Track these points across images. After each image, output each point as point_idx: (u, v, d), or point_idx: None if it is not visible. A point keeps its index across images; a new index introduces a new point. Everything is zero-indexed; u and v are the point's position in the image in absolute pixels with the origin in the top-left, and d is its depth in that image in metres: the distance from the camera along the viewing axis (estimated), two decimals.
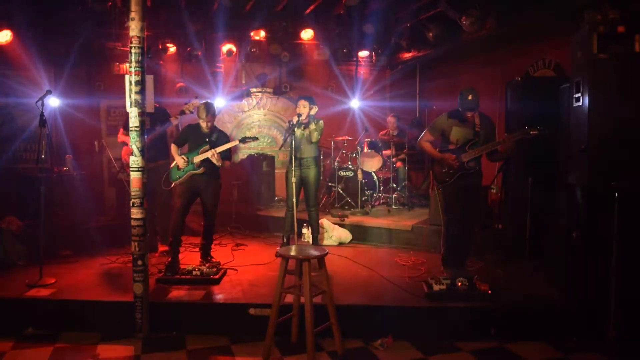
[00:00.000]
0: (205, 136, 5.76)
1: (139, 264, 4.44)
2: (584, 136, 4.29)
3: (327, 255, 4.12)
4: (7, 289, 5.01)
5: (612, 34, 4.20)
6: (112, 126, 8.93)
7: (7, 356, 4.17)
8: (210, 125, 5.74)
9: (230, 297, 4.80)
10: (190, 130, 5.88)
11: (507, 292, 4.89)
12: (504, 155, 5.14)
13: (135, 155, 4.37)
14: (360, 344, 4.38)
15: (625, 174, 4.11)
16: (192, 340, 4.45)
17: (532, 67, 7.31)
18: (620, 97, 4.19)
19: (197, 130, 5.80)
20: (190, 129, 5.90)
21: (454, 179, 5.19)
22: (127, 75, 4.39)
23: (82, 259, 6.17)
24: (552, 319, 4.51)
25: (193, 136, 5.81)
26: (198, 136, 5.78)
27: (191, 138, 5.82)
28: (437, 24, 7.55)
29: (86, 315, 4.68)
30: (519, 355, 4.18)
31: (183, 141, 5.89)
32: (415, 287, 5.01)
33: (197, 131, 5.80)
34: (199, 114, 5.72)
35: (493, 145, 5.04)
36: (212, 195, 5.84)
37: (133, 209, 4.40)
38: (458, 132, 5.22)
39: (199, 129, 5.79)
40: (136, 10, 4.25)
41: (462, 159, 5.13)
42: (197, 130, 5.80)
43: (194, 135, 5.81)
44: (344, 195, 8.32)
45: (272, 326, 4.04)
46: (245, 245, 7.09)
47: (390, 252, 6.65)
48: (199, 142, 5.75)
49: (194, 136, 5.80)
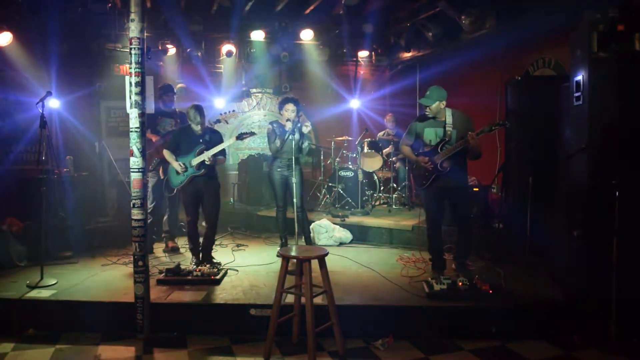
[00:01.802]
0: (199, 138, 5.78)
1: (140, 264, 4.44)
2: (584, 135, 4.29)
3: (328, 255, 4.11)
4: (8, 290, 5.01)
5: (611, 33, 4.20)
6: (112, 127, 8.93)
7: (8, 357, 4.17)
8: (202, 127, 5.78)
9: (231, 298, 4.80)
10: (182, 134, 5.90)
11: (508, 291, 4.89)
12: (477, 152, 5.11)
13: (136, 156, 4.37)
14: (361, 343, 4.38)
15: (626, 172, 4.10)
16: (193, 340, 4.45)
17: (532, 66, 7.32)
18: (620, 95, 4.19)
19: (190, 133, 5.83)
20: (181, 133, 5.93)
21: (429, 181, 5.21)
22: (127, 76, 4.39)
23: (82, 260, 6.17)
24: (554, 318, 4.51)
25: (186, 139, 5.83)
26: (191, 139, 5.80)
27: (184, 141, 5.83)
28: (436, 23, 7.55)
29: (87, 316, 4.67)
30: (521, 354, 4.18)
31: (176, 146, 5.89)
32: (416, 287, 5.01)
33: (189, 134, 5.83)
34: (190, 117, 5.77)
35: (460, 144, 5.03)
36: (212, 194, 5.87)
37: (133, 209, 4.40)
38: (430, 132, 5.25)
39: (191, 131, 5.82)
40: (136, 11, 4.25)
41: (435, 161, 5.14)
42: (190, 133, 5.83)
43: (186, 139, 5.83)
44: (344, 196, 8.32)
45: (272, 326, 4.04)
46: (246, 246, 7.10)
47: (390, 252, 6.65)
48: (193, 145, 5.77)
49: (187, 139, 5.82)
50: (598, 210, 4.23)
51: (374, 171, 8.49)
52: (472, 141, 4.93)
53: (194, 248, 5.94)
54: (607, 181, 4.09)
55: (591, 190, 4.28)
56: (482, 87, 8.03)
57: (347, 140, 8.96)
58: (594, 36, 4.18)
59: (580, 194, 4.47)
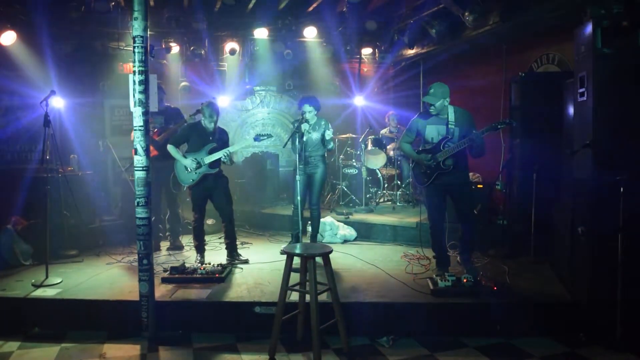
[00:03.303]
0: (210, 135, 5.75)
1: (145, 263, 4.45)
2: (588, 131, 4.27)
3: (332, 252, 4.12)
4: (13, 289, 5.03)
5: (616, 28, 4.18)
6: (116, 126, 8.97)
7: (14, 356, 4.20)
8: (215, 125, 5.75)
9: (236, 296, 4.81)
10: (192, 130, 5.84)
11: (513, 288, 4.89)
12: (480, 150, 5.08)
13: (140, 155, 4.38)
14: (365, 340, 4.39)
15: (630, 169, 4.08)
16: (198, 338, 4.47)
17: (536, 63, 7.29)
18: (625, 91, 4.17)
19: (201, 130, 5.78)
20: (192, 129, 5.86)
21: (431, 179, 5.19)
22: (131, 75, 4.40)
23: (87, 259, 6.19)
24: (558, 315, 4.51)
25: (196, 136, 5.78)
26: (202, 136, 5.76)
27: (194, 138, 5.79)
28: (440, 20, 7.52)
29: (92, 314, 4.70)
30: (525, 351, 4.18)
31: (183, 141, 5.86)
32: (420, 284, 5.01)
33: (200, 131, 5.78)
34: (205, 113, 5.71)
35: (464, 142, 5.01)
36: (223, 192, 5.87)
37: (138, 208, 4.41)
38: (432, 130, 5.21)
39: (203, 128, 5.77)
40: (139, 9, 4.25)
41: (437, 159, 5.12)
42: (201, 130, 5.78)
43: (197, 135, 5.78)
44: (348, 193, 8.32)
45: (277, 324, 4.04)
46: (250, 244, 7.11)
47: (395, 249, 6.65)
48: (204, 142, 5.74)
49: (198, 136, 5.77)
50: (602, 207, 4.22)
51: (377, 168, 8.48)
52: (478, 140, 4.92)
53: (200, 245, 5.93)
54: (612, 177, 4.08)
55: (595, 186, 4.26)
56: (485, 83, 8.00)
57: (351, 137, 8.96)
58: (599, 32, 4.16)
59: (584, 191, 4.46)
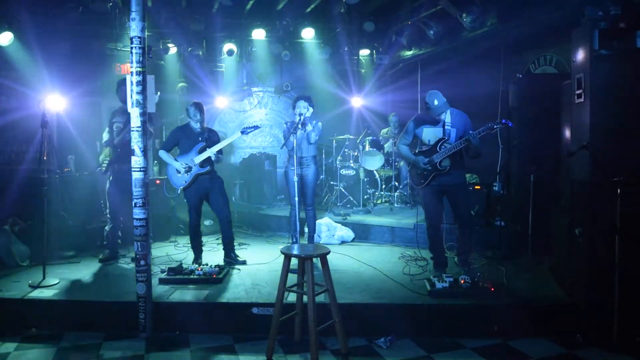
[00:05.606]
0: (198, 136, 5.76)
1: (142, 264, 4.44)
2: (585, 132, 4.28)
3: (330, 253, 4.12)
4: (10, 290, 5.01)
5: (613, 30, 4.19)
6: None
7: (11, 357, 4.18)
8: (201, 124, 5.78)
9: (233, 297, 4.80)
10: (180, 132, 5.84)
11: (510, 289, 4.89)
12: (477, 151, 5.08)
13: (137, 155, 4.37)
14: (363, 342, 4.38)
15: (627, 170, 4.10)
16: (195, 339, 4.46)
17: (533, 64, 7.31)
18: (622, 93, 4.19)
19: (189, 132, 5.79)
20: (180, 131, 5.86)
21: (428, 180, 5.21)
22: (128, 76, 4.39)
23: (85, 260, 6.18)
24: (556, 316, 4.51)
25: (185, 137, 5.78)
26: (191, 137, 5.76)
27: (183, 139, 5.79)
28: (437, 21, 7.55)
29: (90, 315, 4.68)
30: (522, 352, 4.18)
31: (173, 145, 5.85)
32: (418, 285, 5.01)
33: (189, 132, 5.79)
34: (189, 113, 5.74)
35: (461, 143, 5.02)
36: (219, 192, 5.86)
37: (135, 209, 4.41)
38: (429, 132, 5.23)
39: (190, 129, 5.79)
40: (137, 10, 4.25)
41: (434, 160, 5.13)
42: (189, 132, 5.79)
43: (186, 136, 5.78)
44: (346, 194, 8.32)
45: (275, 325, 4.04)
46: (248, 245, 7.10)
47: (392, 250, 6.65)
48: (193, 143, 5.74)
49: (187, 137, 5.78)
50: (600, 208, 4.23)
51: (375, 169, 8.49)
52: (474, 140, 4.92)
53: (197, 247, 5.94)
54: (609, 179, 4.09)
55: (593, 187, 4.27)
56: (483, 85, 8.02)
57: (349, 138, 8.96)
58: (596, 34, 4.17)
59: (581, 192, 4.47)
